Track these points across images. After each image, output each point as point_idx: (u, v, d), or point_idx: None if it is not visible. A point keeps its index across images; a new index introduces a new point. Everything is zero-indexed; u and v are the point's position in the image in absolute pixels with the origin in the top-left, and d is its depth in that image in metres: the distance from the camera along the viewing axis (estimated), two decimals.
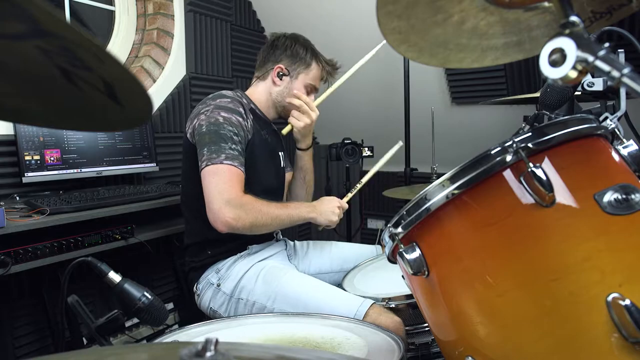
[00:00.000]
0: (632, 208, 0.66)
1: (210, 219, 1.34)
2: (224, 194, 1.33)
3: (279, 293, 1.36)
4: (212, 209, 1.33)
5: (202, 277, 1.51)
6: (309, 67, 1.61)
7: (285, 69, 1.60)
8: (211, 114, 1.43)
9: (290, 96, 1.60)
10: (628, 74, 0.52)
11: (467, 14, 0.77)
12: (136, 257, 2.23)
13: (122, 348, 0.73)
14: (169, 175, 2.51)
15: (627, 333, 0.59)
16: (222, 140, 1.38)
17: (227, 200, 1.32)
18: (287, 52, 1.60)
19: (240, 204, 1.33)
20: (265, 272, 1.43)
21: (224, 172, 1.35)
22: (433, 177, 2.26)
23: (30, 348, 1.94)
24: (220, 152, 1.37)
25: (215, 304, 1.46)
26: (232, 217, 1.31)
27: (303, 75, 1.61)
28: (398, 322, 1.23)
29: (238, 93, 1.58)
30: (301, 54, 1.60)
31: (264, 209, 1.38)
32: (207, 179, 1.36)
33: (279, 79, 1.60)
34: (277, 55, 1.61)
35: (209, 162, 1.36)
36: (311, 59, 1.62)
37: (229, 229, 1.32)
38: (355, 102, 3.15)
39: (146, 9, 2.61)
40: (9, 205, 1.71)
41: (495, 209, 0.71)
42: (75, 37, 0.36)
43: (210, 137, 1.39)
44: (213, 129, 1.40)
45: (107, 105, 0.46)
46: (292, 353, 0.48)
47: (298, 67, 1.61)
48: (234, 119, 1.44)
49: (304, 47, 1.62)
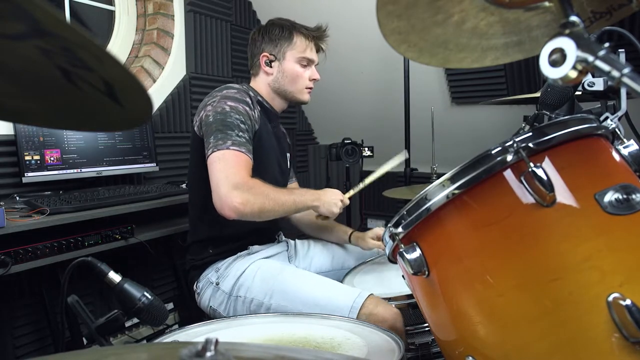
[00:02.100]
0: (632, 208, 0.66)
1: (217, 205, 1.30)
2: (230, 179, 1.30)
3: (276, 289, 1.36)
4: (219, 194, 1.30)
5: (202, 275, 1.51)
6: (292, 41, 1.56)
7: (270, 55, 1.57)
8: (218, 104, 1.42)
9: (288, 79, 1.56)
10: (628, 73, 0.52)
11: (467, 14, 0.77)
12: (136, 257, 2.23)
13: (122, 348, 0.73)
14: (169, 175, 2.51)
15: (627, 333, 0.59)
16: (229, 128, 1.37)
17: (234, 185, 1.29)
18: (266, 39, 1.57)
19: (247, 187, 1.30)
20: (262, 270, 1.43)
21: (231, 157, 1.33)
22: (433, 177, 2.26)
23: (30, 348, 1.94)
24: (226, 138, 1.35)
25: (214, 302, 1.46)
26: (240, 201, 1.27)
27: (289, 52, 1.56)
28: (395, 313, 1.22)
29: (244, 86, 1.57)
30: (278, 33, 1.56)
31: (272, 194, 1.35)
32: (213, 165, 1.33)
33: (268, 67, 1.57)
34: (259, 46, 1.59)
35: (215, 149, 1.34)
36: (290, 34, 1.56)
37: (237, 214, 1.29)
38: (355, 102, 3.15)
39: (146, 9, 2.61)
40: (9, 205, 1.71)
41: (496, 209, 0.71)
42: (75, 37, 0.36)
43: (216, 125, 1.37)
44: (220, 118, 1.39)
45: (107, 105, 0.46)
46: (292, 353, 0.48)
47: (281, 47, 1.56)
48: (241, 107, 1.43)
49: (279, 26, 1.57)
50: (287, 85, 1.58)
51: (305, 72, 1.59)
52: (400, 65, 2.61)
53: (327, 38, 1.62)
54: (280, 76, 1.58)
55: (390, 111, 2.92)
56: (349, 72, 2.95)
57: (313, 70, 1.60)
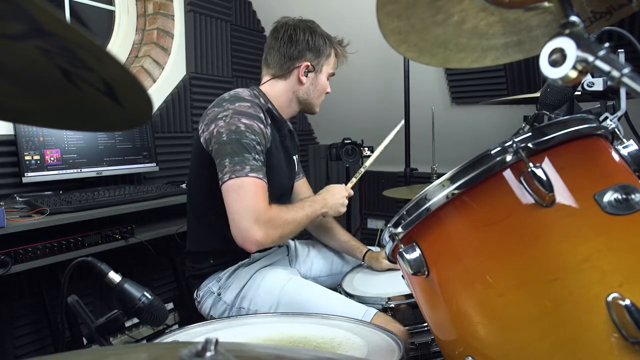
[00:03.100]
0: (632, 208, 0.66)
1: (238, 238, 1.27)
2: (251, 212, 1.25)
3: (281, 301, 1.33)
4: (239, 227, 1.26)
5: (203, 284, 1.47)
6: (330, 57, 1.54)
7: (310, 65, 1.51)
8: (231, 121, 1.33)
9: (318, 92, 1.54)
10: (628, 74, 0.52)
11: (467, 14, 0.77)
12: (136, 257, 2.24)
13: (122, 348, 0.73)
14: (169, 175, 2.52)
15: (627, 333, 0.59)
16: (245, 151, 1.30)
17: (255, 219, 1.25)
18: (310, 47, 1.50)
19: (268, 219, 1.27)
20: (267, 281, 1.40)
21: (250, 186, 1.27)
22: (433, 177, 2.26)
23: (30, 348, 1.94)
24: (244, 163, 1.29)
25: (215, 312, 1.43)
26: (262, 236, 1.25)
27: (326, 66, 1.54)
28: (402, 331, 1.21)
29: (255, 91, 1.49)
30: (322, 45, 1.51)
31: (289, 218, 1.33)
32: (231, 194, 1.28)
33: (304, 76, 1.50)
34: (300, 52, 1.49)
35: (233, 175, 1.28)
36: (330, 48, 1.53)
37: (259, 247, 1.28)
38: (355, 102, 3.15)
39: (146, 9, 2.61)
40: (9, 205, 1.71)
41: (495, 209, 0.71)
42: (75, 37, 0.36)
43: (232, 147, 1.30)
44: (235, 138, 1.31)
45: (107, 105, 0.46)
46: (292, 353, 0.48)
47: (321, 60, 1.52)
48: (256, 126, 1.36)
49: (322, 37, 1.52)
50: (315, 97, 1.55)
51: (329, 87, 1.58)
52: (400, 65, 2.61)
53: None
54: (313, 88, 1.53)
55: (390, 111, 2.92)
56: (349, 72, 2.95)
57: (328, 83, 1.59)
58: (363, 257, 1.66)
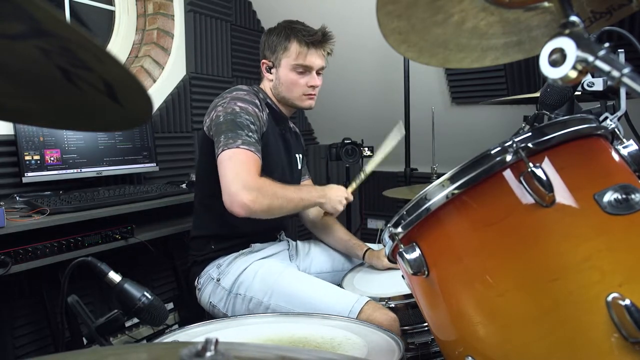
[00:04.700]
0: (632, 208, 0.66)
1: (227, 203, 1.33)
2: (240, 177, 1.33)
3: (275, 290, 1.37)
4: (229, 192, 1.33)
5: (204, 271, 1.52)
6: (287, 48, 1.55)
7: (268, 62, 1.60)
8: (228, 105, 1.45)
9: (284, 86, 1.58)
10: (628, 74, 0.52)
11: (467, 14, 0.77)
12: (136, 257, 2.23)
13: (122, 348, 0.73)
14: (169, 175, 2.51)
15: (627, 333, 0.59)
16: (239, 128, 1.40)
17: (244, 183, 1.32)
18: (266, 45, 1.60)
19: (257, 186, 1.33)
20: (263, 269, 1.44)
21: (241, 156, 1.36)
22: (433, 177, 2.26)
23: (30, 348, 1.94)
24: (237, 138, 1.37)
25: (214, 298, 1.48)
26: (249, 199, 1.30)
27: (284, 59, 1.56)
28: (392, 319, 1.24)
29: (255, 88, 1.59)
30: (275, 40, 1.57)
31: (280, 192, 1.39)
32: (223, 163, 1.36)
33: (269, 73, 1.61)
34: (261, 52, 1.63)
35: (226, 147, 1.37)
36: (286, 40, 1.55)
37: (246, 211, 1.32)
38: (356, 102, 3.15)
39: (146, 9, 2.61)
40: (9, 205, 1.71)
41: (495, 209, 0.71)
42: (75, 37, 0.36)
43: (227, 125, 1.40)
44: (230, 118, 1.42)
45: (107, 105, 0.46)
46: (292, 353, 0.48)
47: (277, 54, 1.57)
48: (250, 108, 1.46)
49: (277, 32, 1.58)
50: (284, 92, 1.59)
51: (302, 79, 1.56)
52: (400, 65, 2.61)
53: (331, 41, 1.59)
54: (278, 83, 1.59)
55: (390, 111, 2.92)
56: (349, 72, 2.95)
57: (312, 76, 1.57)
58: (363, 255, 1.67)
